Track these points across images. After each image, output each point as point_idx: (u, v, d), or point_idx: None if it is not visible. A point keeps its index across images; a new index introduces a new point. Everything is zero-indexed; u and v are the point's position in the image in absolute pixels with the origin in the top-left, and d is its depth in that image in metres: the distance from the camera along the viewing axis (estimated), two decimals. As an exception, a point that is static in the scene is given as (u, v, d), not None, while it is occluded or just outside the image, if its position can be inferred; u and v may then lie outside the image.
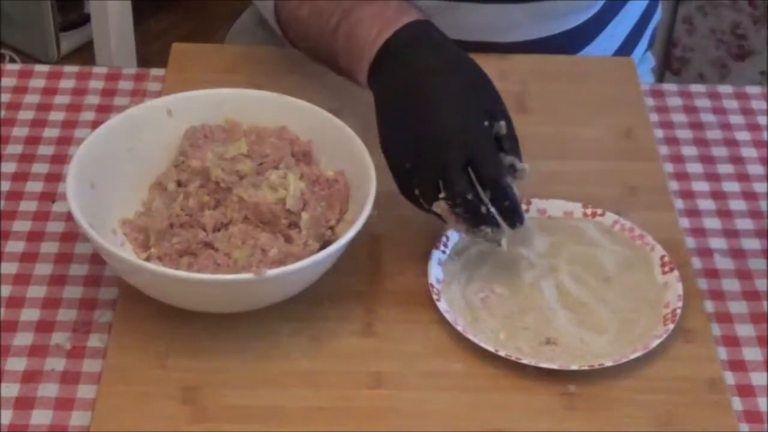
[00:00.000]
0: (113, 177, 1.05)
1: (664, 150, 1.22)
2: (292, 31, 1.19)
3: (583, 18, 1.31)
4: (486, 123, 1.00)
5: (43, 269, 1.06)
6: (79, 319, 1.02)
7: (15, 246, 1.08)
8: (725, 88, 1.30)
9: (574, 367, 0.97)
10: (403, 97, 1.02)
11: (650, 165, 1.18)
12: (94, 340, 1.00)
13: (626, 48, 1.37)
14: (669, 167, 1.20)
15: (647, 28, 1.42)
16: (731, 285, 1.08)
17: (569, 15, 1.31)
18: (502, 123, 1.01)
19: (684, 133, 1.25)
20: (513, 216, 1.00)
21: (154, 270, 0.96)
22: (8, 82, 1.26)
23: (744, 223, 1.14)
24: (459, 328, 0.99)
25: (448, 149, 0.98)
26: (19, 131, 1.20)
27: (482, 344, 0.98)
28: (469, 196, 0.98)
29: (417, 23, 1.05)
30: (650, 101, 1.28)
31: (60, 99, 1.25)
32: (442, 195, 0.98)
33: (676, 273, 1.04)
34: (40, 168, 1.16)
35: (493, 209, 0.99)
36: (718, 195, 1.17)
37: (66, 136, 1.20)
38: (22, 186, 1.14)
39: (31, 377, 0.97)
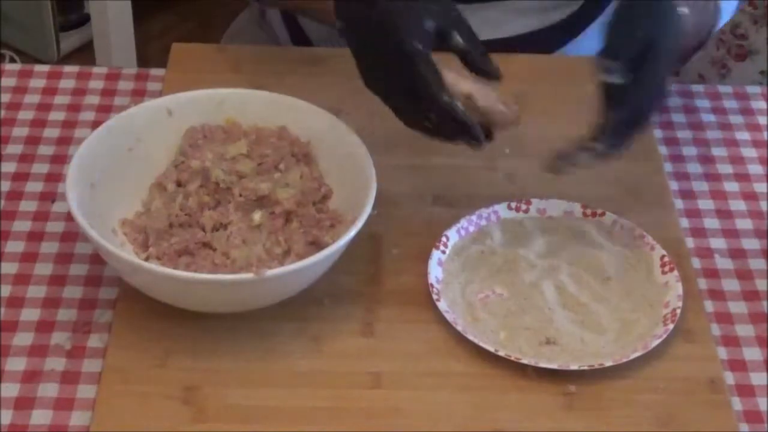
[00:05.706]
0: (113, 177, 1.05)
1: (664, 150, 1.22)
2: None
3: (566, 13, 1.31)
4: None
5: (43, 269, 1.06)
6: (79, 319, 1.02)
7: (15, 246, 1.08)
8: (725, 88, 1.30)
9: (574, 367, 0.97)
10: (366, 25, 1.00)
11: (650, 165, 1.18)
12: (94, 340, 1.00)
13: None
14: (669, 167, 1.20)
15: None
16: (731, 285, 1.08)
17: (549, 10, 1.31)
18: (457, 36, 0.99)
19: (684, 133, 1.24)
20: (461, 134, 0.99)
21: (154, 270, 0.96)
22: (8, 82, 1.26)
23: (744, 223, 1.14)
24: (459, 328, 0.99)
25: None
26: (19, 131, 1.20)
27: (482, 344, 0.98)
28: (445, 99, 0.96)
29: None
30: (650, 101, 1.28)
31: (60, 99, 1.24)
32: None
33: (676, 273, 1.04)
34: (40, 168, 1.16)
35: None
36: (718, 195, 1.17)
37: (66, 136, 1.20)
38: (22, 186, 1.14)
39: (31, 377, 0.97)
